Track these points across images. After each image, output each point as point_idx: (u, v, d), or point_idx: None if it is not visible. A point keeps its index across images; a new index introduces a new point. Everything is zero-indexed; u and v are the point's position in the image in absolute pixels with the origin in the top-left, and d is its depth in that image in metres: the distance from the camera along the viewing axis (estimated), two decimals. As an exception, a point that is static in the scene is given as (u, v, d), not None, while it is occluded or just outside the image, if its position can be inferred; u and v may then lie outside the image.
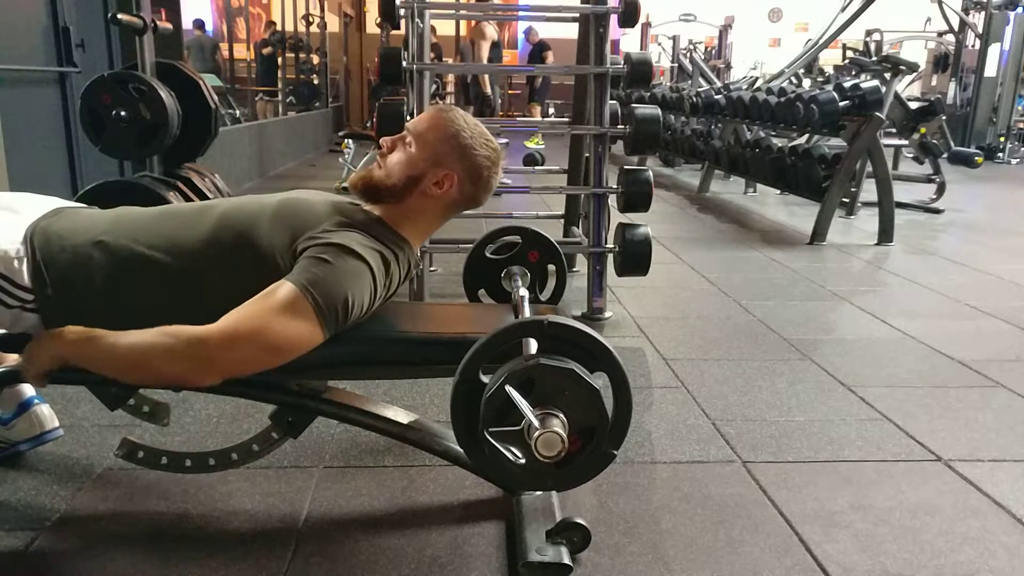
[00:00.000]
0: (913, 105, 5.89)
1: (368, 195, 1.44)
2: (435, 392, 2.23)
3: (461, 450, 1.56)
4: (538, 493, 1.57)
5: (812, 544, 1.53)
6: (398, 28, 3.40)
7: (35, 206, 1.44)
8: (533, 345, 1.23)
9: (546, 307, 1.69)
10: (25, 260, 1.30)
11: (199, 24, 7.62)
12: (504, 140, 6.41)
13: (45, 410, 1.74)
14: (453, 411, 1.23)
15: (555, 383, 1.19)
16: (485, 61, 6.71)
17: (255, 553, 1.45)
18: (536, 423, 1.15)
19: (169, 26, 3.14)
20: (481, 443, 1.20)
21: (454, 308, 1.90)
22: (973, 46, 10.42)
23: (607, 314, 3.05)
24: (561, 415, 1.18)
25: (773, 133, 6.22)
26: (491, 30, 6.99)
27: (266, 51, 9.16)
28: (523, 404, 1.16)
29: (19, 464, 1.72)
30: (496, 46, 7.08)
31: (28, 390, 1.72)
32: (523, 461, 1.19)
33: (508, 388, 1.17)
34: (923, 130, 5.78)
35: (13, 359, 1.48)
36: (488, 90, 6.97)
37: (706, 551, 1.50)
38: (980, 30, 10.03)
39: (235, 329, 1.21)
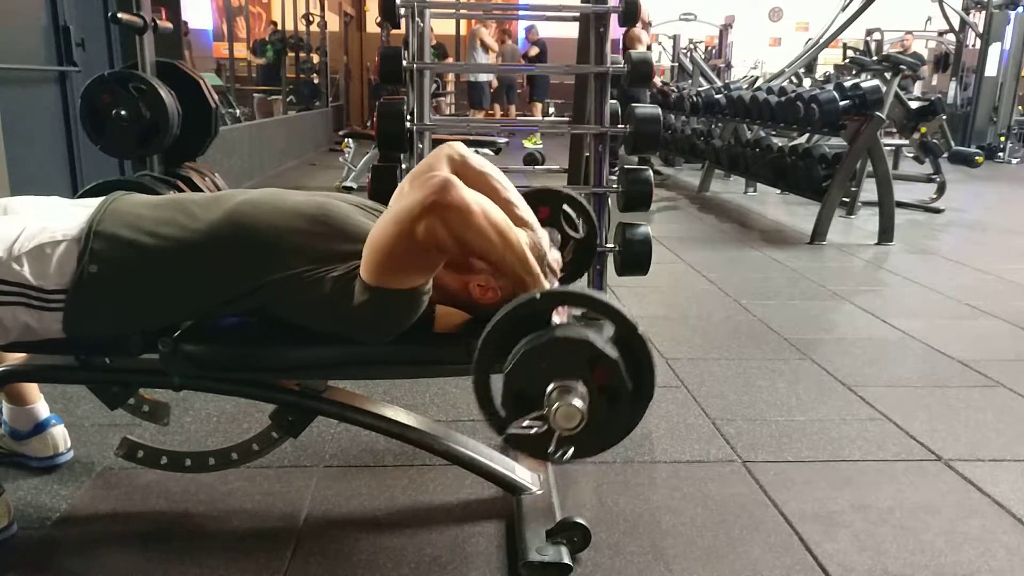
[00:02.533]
0: (913, 105, 5.89)
1: None
2: (435, 392, 2.23)
3: (461, 450, 1.57)
4: (538, 492, 1.58)
5: (812, 544, 1.53)
6: (398, 27, 3.40)
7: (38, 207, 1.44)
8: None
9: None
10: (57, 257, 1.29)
11: (179, 27, 7.59)
12: (504, 139, 6.41)
13: (60, 432, 1.74)
14: (479, 399, 1.19)
15: (570, 353, 1.14)
16: None
17: (255, 552, 1.45)
18: (549, 407, 1.11)
19: (169, 25, 3.13)
20: (507, 423, 1.17)
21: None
22: (973, 45, 10.42)
23: (607, 314, 3.04)
24: (580, 385, 1.13)
25: (773, 133, 6.22)
26: (645, 35, 7.28)
27: (262, 60, 9.16)
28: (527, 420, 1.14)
29: (20, 464, 1.72)
30: (649, 48, 7.49)
31: (44, 411, 1.72)
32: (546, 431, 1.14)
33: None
34: (923, 130, 5.78)
35: (15, 359, 1.49)
36: (660, 83, 7.57)
37: (706, 550, 1.50)
38: (981, 29, 10.03)
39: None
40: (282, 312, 1.34)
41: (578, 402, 1.12)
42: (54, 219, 1.35)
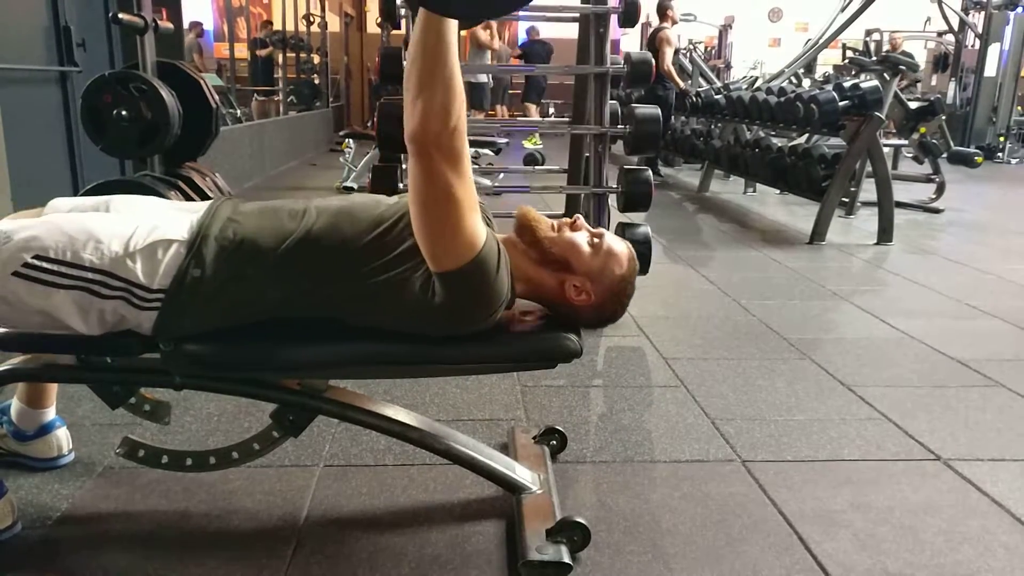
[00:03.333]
0: (913, 105, 5.90)
1: (523, 232, 1.46)
2: (435, 391, 2.23)
3: (461, 450, 1.57)
4: (538, 492, 1.58)
5: (812, 543, 1.53)
6: (399, 28, 3.41)
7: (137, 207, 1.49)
8: None
9: None
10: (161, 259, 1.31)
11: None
12: (504, 140, 6.42)
13: (63, 434, 1.75)
14: None
15: None
16: (669, 66, 7.18)
17: (256, 552, 1.45)
18: None
19: (170, 25, 3.14)
20: None
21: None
22: (973, 46, 10.42)
23: (607, 313, 3.05)
24: None
25: (773, 133, 6.23)
26: (675, 37, 7.43)
27: (263, 52, 9.18)
28: None
29: (20, 463, 1.72)
30: (677, 52, 7.58)
31: (50, 413, 1.72)
32: None
33: None
34: (923, 130, 5.79)
35: (16, 358, 1.49)
36: (684, 84, 7.62)
37: (706, 550, 1.50)
38: (980, 30, 10.03)
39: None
40: (371, 316, 1.35)
41: None
42: (163, 220, 1.37)
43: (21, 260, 1.26)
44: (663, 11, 7.36)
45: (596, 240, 1.46)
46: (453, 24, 1.15)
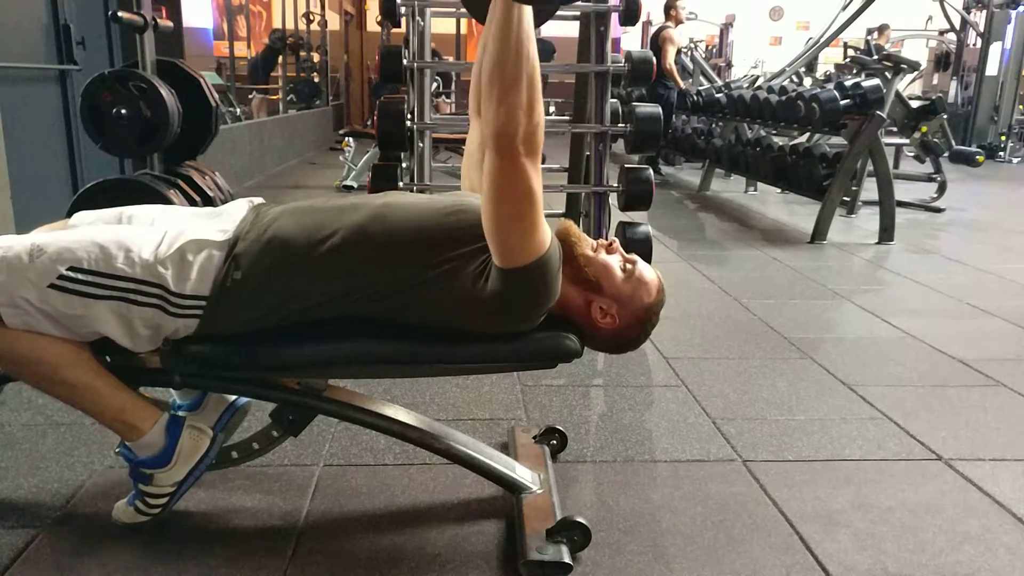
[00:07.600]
0: (914, 104, 5.89)
1: (562, 246, 1.46)
2: (435, 391, 2.23)
3: (461, 449, 1.57)
4: (538, 491, 1.57)
5: (812, 543, 1.53)
6: (399, 26, 3.40)
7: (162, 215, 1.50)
8: None
9: None
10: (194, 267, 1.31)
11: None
12: None
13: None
14: None
15: None
16: (670, 65, 7.24)
17: (256, 551, 1.45)
18: None
19: (170, 24, 3.14)
20: None
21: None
22: (974, 45, 10.41)
23: (608, 313, 3.04)
24: None
25: (774, 132, 6.22)
26: (679, 37, 7.49)
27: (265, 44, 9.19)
28: None
29: (20, 463, 1.72)
30: (679, 51, 7.83)
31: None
32: None
33: None
34: (924, 129, 5.78)
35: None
36: (684, 84, 7.70)
37: (706, 550, 1.50)
38: (981, 29, 10.02)
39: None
40: (415, 312, 1.36)
41: None
42: (187, 225, 1.38)
43: (56, 272, 1.27)
44: (668, 10, 7.36)
45: (629, 266, 1.48)
46: (531, 18, 1.16)
